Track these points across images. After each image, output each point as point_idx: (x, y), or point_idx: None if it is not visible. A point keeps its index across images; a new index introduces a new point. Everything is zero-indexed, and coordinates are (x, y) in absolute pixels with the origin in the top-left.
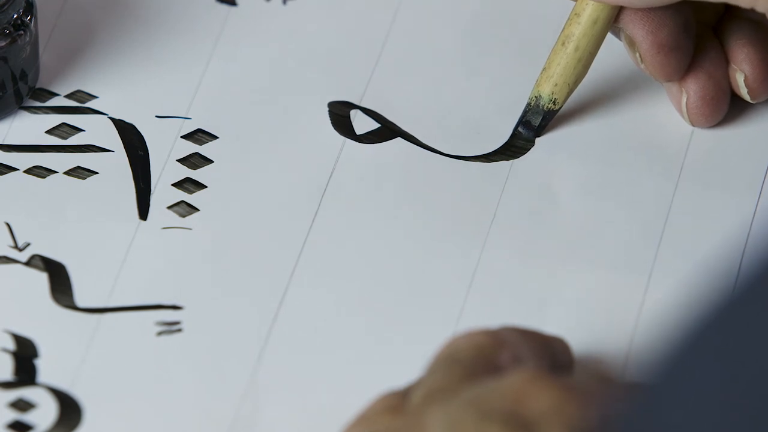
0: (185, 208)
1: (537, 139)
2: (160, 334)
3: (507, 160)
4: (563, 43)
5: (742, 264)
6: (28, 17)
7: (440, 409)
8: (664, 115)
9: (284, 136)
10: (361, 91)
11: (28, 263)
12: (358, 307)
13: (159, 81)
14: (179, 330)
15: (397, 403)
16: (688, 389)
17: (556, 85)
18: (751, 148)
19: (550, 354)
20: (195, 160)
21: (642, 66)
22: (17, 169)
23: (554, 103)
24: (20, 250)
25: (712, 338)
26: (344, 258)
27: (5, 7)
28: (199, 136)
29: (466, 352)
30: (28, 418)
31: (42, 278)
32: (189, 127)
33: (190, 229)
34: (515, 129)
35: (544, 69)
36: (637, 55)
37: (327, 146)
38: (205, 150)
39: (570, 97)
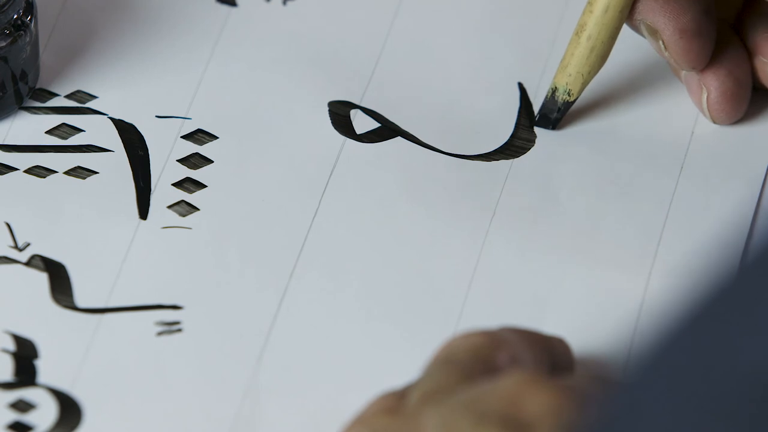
0: (185, 208)
1: (537, 138)
2: (160, 334)
3: (507, 159)
4: (577, 33)
5: (741, 264)
6: (28, 17)
7: (436, 411)
8: (664, 113)
9: (284, 136)
10: (361, 91)
11: (28, 263)
12: (358, 307)
13: (159, 81)
14: (179, 330)
15: (395, 404)
16: (677, 389)
17: (570, 75)
18: (752, 148)
19: (549, 354)
20: (195, 160)
21: (666, 54)
22: (17, 169)
23: (569, 94)
24: (20, 250)
25: (705, 338)
26: (344, 258)
27: (5, 7)
28: (199, 136)
29: (464, 353)
30: (28, 418)
31: (42, 278)
32: (189, 127)
33: (190, 228)
34: (533, 124)
35: (561, 61)
36: (660, 42)
37: (327, 146)
38: (205, 150)
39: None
